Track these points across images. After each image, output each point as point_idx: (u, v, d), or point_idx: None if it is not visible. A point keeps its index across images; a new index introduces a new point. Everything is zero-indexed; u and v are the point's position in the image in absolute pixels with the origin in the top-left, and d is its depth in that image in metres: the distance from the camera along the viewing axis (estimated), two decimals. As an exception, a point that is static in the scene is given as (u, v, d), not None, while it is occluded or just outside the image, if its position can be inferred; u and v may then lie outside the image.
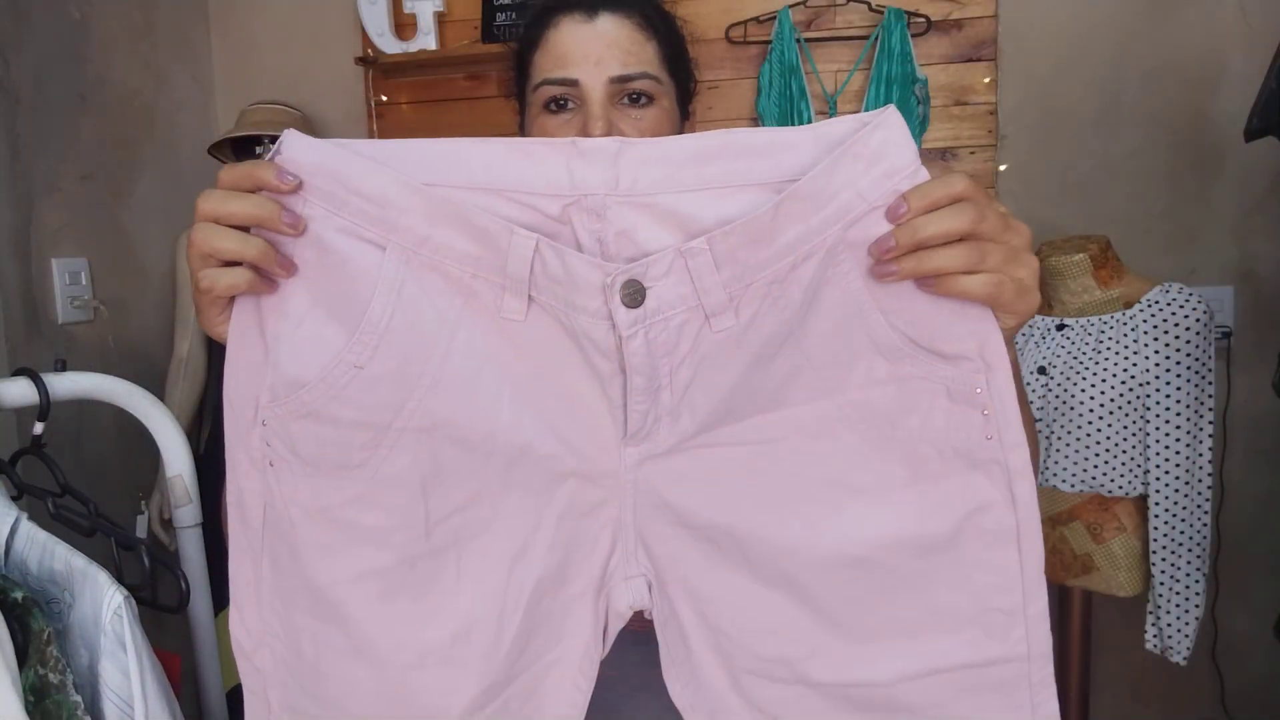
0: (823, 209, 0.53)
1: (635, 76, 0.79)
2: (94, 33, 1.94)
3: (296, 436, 0.59)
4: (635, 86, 0.79)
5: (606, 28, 0.79)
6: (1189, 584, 1.62)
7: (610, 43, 0.79)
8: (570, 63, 0.79)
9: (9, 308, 1.68)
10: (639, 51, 0.80)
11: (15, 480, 0.99)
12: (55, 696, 0.76)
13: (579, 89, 0.79)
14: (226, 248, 0.53)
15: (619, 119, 0.79)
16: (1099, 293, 1.65)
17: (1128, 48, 1.95)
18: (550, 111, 0.81)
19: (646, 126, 0.80)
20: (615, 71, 0.78)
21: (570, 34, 0.80)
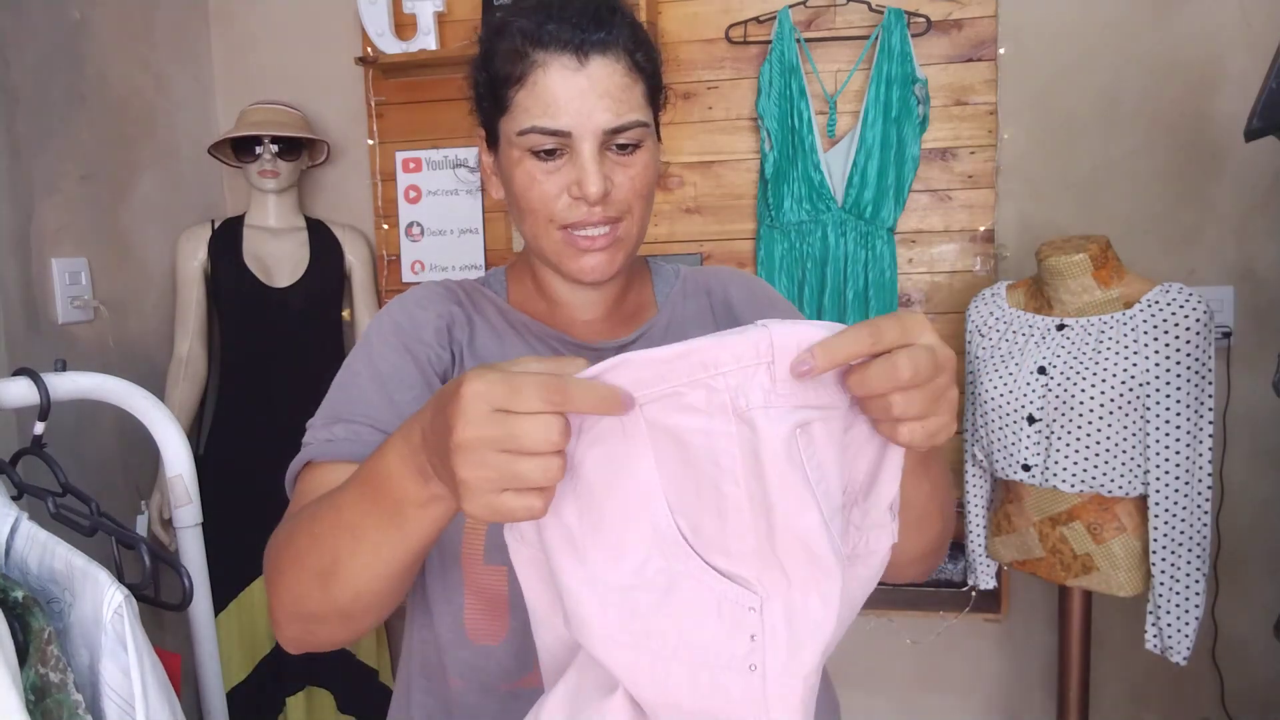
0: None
1: (628, 126, 0.78)
2: (94, 33, 1.94)
3: None
4: (626, 136, 0.78)
5: (598, 75, 0.77)
6: (1189, 584, 1.62)
7: (602, 91, 0.76)
8: (561, 112, 0.76)
9: (9, 308, 1.68)
10: (629, 97, 0.78)
11: (15, 480, 0.99)
12: (56, 695, 0.76)
13: (570, 139, 0.77)
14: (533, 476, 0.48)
15: (610, 168, 0.78)
16: (1099, 293, 1.65)
17: (1128, 48, 1.95)
18: (538, 159, 0.78)
19: (636, 173, 0.80)
20: (608, 124, 0.77)
21: (560, 81, 0.76)
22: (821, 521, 0.51)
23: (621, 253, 0.81)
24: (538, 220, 0.80)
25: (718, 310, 0.91)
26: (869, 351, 0.50)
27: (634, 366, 0.52)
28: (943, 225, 2.07)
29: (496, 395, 0.47)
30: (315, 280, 2.12)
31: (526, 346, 0.85)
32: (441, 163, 2.26)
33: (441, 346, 0.83)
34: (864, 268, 2.01)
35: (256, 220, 2.12)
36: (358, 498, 0.60)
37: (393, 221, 2.30)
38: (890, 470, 0.57)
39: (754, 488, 0.51)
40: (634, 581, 0.54)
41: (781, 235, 2.05)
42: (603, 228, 0.80)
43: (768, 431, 0.50)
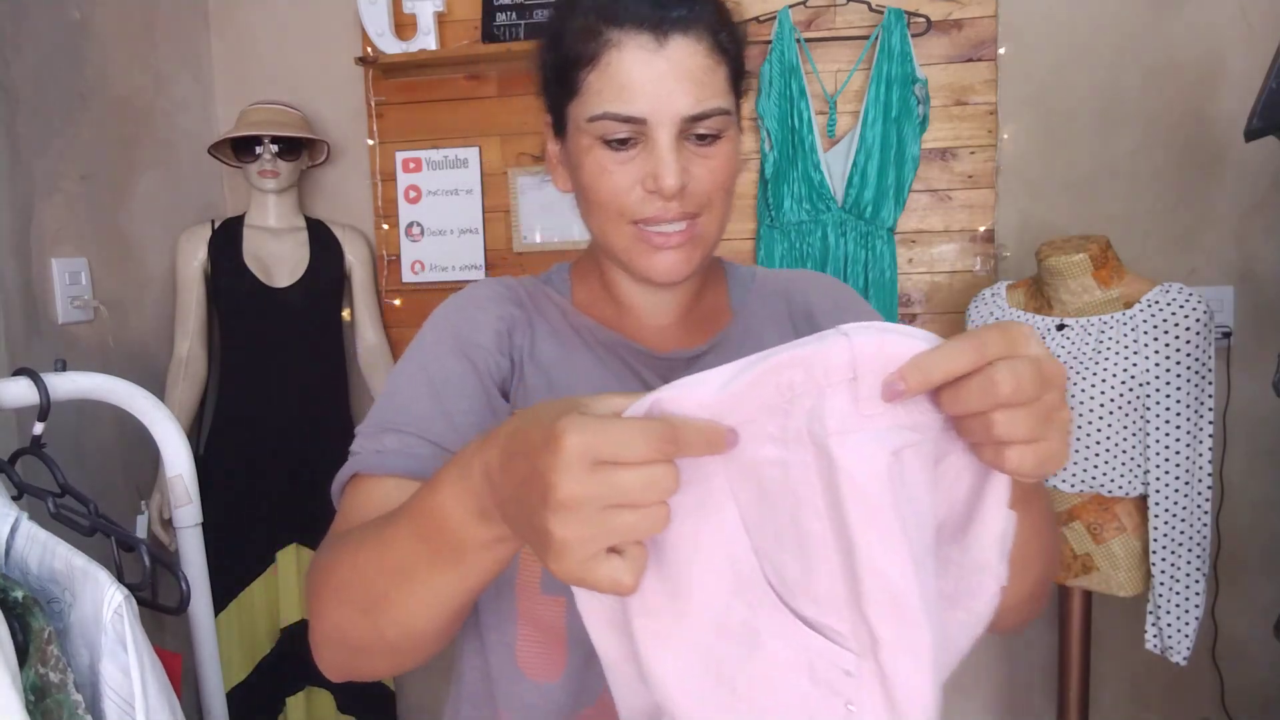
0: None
1: (709, 114, 0.70)
2: (94, 33, 1.94)
3: None
4: (708, 126, 0.71)
5: (678, 56, 0.69)
6: (1189, 584, 1.62)
7: (682, 74, 0.69)
8: (637, 97, 0.69)
9: (9, 308, 1.68)
10: (711, 82, 0.71)
11: (15, 480, 0.99)
12: (56, 696, 0.76)
13: (645, 127, 0.70)
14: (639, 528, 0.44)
15: (688, 160, 0.72)
16: (1099, 293, 1.65)
17: (1128, 47, 1.95)
18: (610, 148, 0.72)
19: (717, 165, 0.73)
20: (688, 110, 0.69)
21: (636, 62, 0.69)
22: (910, 564, 0.45)
23: (698, 252, 0.75)
24: (607, 215, 0.74)
25: (797, 318, 0.84)
26: (971, 368, 0.44)
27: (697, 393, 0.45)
28: (943, 225, 2.07)
29: (602, 448, 0.42)
30: (315, 280, 2.12)
31: (591, 355, 0.79)
32: (441, 163, 2.26)
33: (501, 353, 0.77)
34: (864, 268, 2.01)
35: (256, 220, 2.12)
36: (408, 536, 0.55)
37: (393, 221, 2.30)
38: (994, 502, 0.50)
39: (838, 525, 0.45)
40: (714, 636, 0.48)
41: (781, 235, 2.05)
42: (678, 224, 0.73)
43: (846, 460, 0.44)
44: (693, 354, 0.80)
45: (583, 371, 0.78)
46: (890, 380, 0.44)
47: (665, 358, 0.79)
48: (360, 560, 0.59)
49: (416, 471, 0.68)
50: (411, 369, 0.76)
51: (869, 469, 0.44)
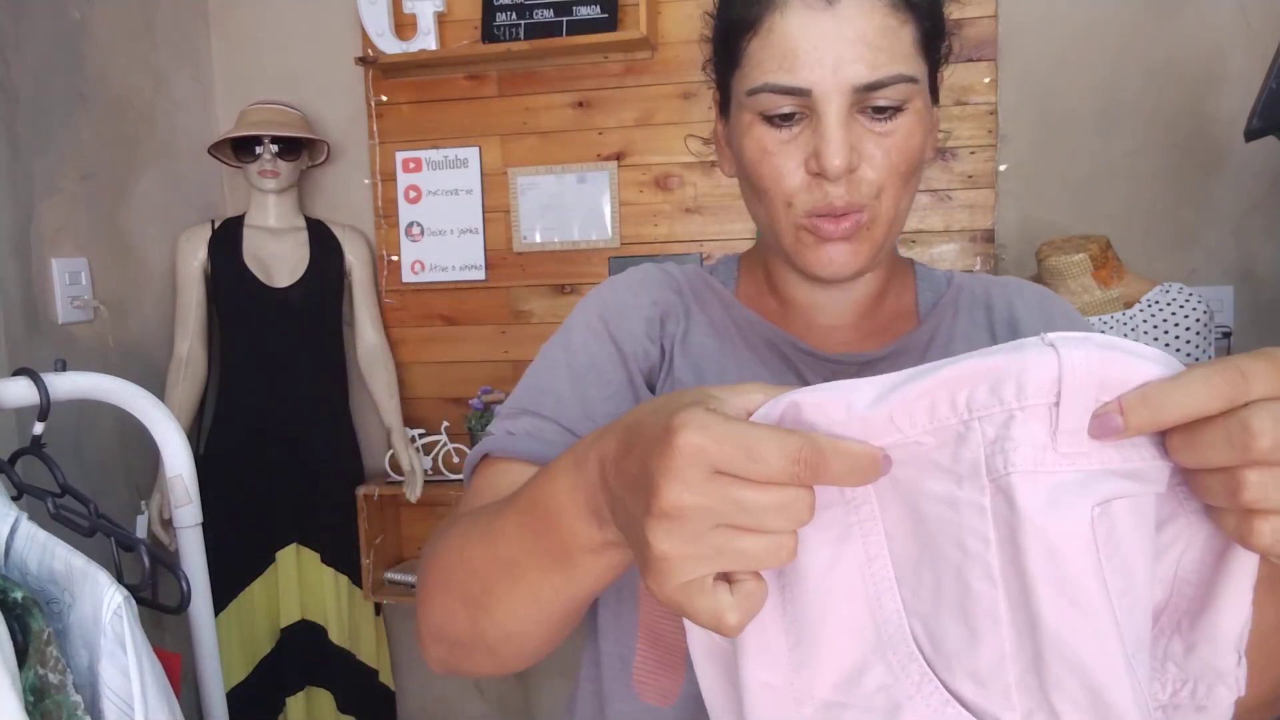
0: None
1: (887, 82, 0.60)
2: (94, 33, 1.94)
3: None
4: (885, 95, 0.60)
5: (850, 13, 0.59)
6: (1189, 584, 1.62)
7: (855, 37, 0.59)
8: (800, 65, 0.60)
9: (9, 308, 1.68)
10: (891, 45, 0.60)
11: (15, 480, 0.99)
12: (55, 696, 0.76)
13: (810, 99, 0.60)
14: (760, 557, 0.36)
15: (860, 137, 0.61)
16: (1099, 293, 1.65)
17: (1128, 48, 1.95)
18: (771, 125, 0.63)
19: (894, 144, 0.62)
20: (861, 79, 0.59)
21: (801, 23, 0.59)
22: (1119, 654, 0.35)
23: (869, 245, 0.64)
24: (771, 203, 0.65)
25: (999, 329, 0.72)
26: (1221, 408, 0.33)
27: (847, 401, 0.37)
28: (943, 225, 2.07)
29: (723, 456, 0.35)
30: (315, 280, 2.12)
31: (750, 350, 0.71)
32: (441, 163, 2.26)
33: (651, 340, 0.71)
34: (864, 268, 2.01)
35: (256, 220, 2.12)
36: (517, 529, 0.49)
37: (393, 221, 2.30)
38: (1236, 587, 0.38)
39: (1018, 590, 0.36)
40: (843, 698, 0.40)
41: (781, 235, 2.05)
42: (848, 214, 0.63)
43: (1034, 510, 0.34)
44: (867, 358, 0.70)
45: (736, 367, 0.70)
46: (1105, 412, 0.34)
47: (834, 360, 0.70)
48: (467, 549, 0.54)
49: (546, 457, 0.62)
50: (555, 351, 0.71)
51: (1065, 524, 0.34)
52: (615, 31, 2.04)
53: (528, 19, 2.11)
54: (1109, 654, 0.34)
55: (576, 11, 2.07)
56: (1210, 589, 0.39)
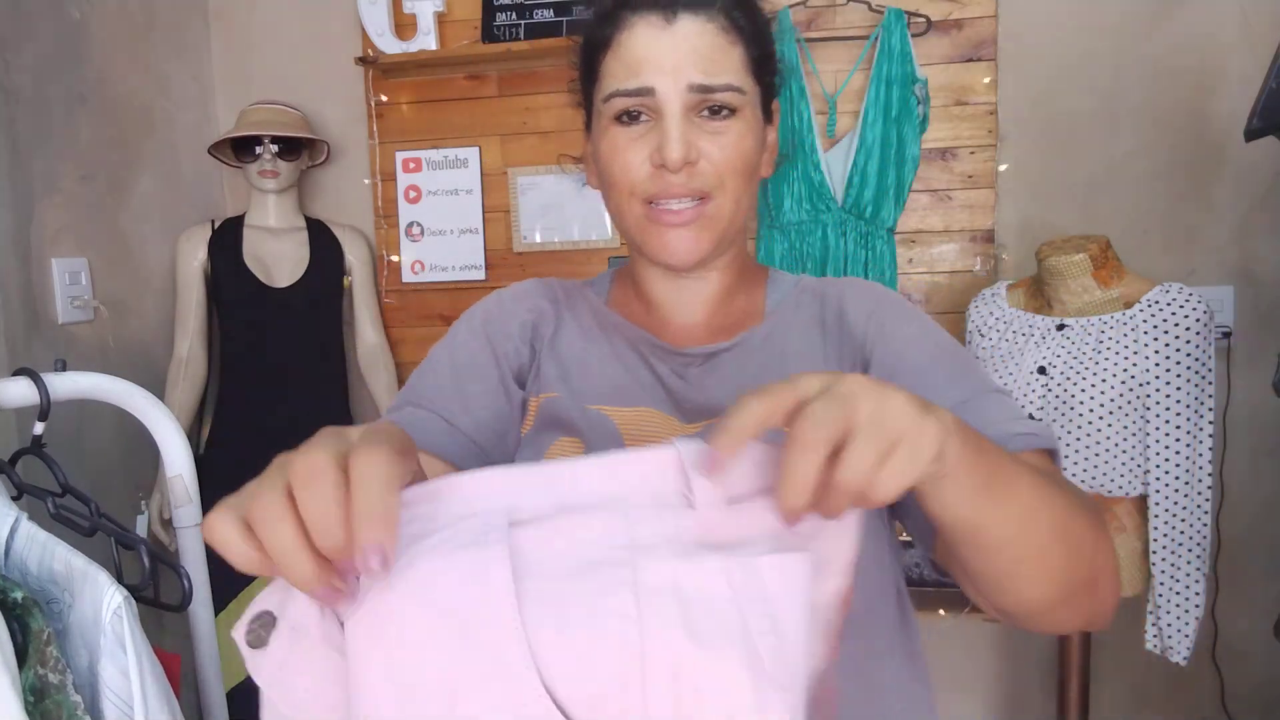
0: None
1: (718, 88, 0.71)
2: (94, 33, 1.94)
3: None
4: (717, 99, 0.71)
5: (686, 31, 0.71)
6: (1189, 584, 1.62)
7: (690, 49, 0.71)
8: (645, 70, 0.71)
9: (9, 308, 1.68)
10: (722, 58, 0.72)
11: (15, 480, 0.99)
12: (55, 696, 0.76)
13: (654, 99, 0.71)
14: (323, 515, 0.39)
15: (697, 134, 0.72)
16: (1099, 293, 1.65)
17: (1128, 47, 1.95)
18: (621, 124, 0.73)
19: (728, 142, 0.72)
20: (695, 79, 0.71)
21: (646, 38, 0.72)
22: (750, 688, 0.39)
23: (709, 233, 0.74)
24: (621, 194, 0.74)
25: (829, 319, 0.80)
26: (786, 409, 0.42)
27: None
28: (943, 225, 2.07)
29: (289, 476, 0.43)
30: (315, 280, 2.12)
31: (610, 347, 0.80)
32: (441, 163, 2.26)
33: (523, 341, 0.80)
34: (864, 268, 2.01)
35: (256, 220, 2.12)
36: None
37: (393, 221, 2.30)
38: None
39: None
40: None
41: (781, 235, 2.05)
42: (687, 201, 0.72)
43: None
44: (711, 349, 0.78)
45: (597, 362, 0.79)
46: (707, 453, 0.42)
47: (682, 352, 0.79)
48: None
49: (425, 444, 0.71)
50: (441, 352, 0.80)
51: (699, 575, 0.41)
52: (615, 31, 2.04)
53: (528, 19, 2.11)
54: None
55: (576, 11, 2.07)
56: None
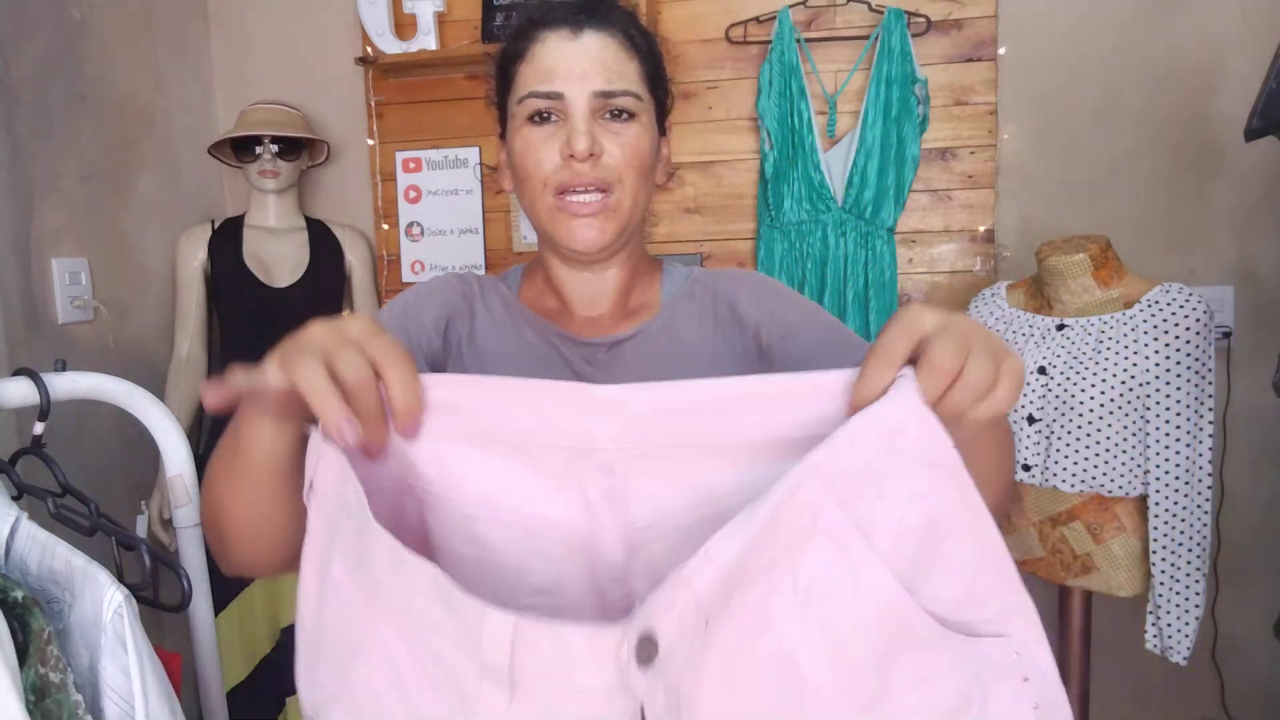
0: (823, 483, 0.46)
1: (618, 93, 0.81)
2: (94, 33, 1.94)
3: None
4: (618, 103, 0.81)
5: (591, 44, 0.81)
6: (1189, 584, 1.62)
7: (594, 58, 0.81)
8: (555, 76, 0.81)
9: (9, 308, 1.68)
10: (622, 69, 0.82)
11: (15, 480, 0.99)
12: (56, 696, 0.76)
13: (563, 102, 0.81)
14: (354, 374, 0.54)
15: (601, 133, 0.81)
16: (1099, 293, 1.65)
17: (1128, 47, 1.95)
18: (534, 124, 0.82)
19: (627, 141, 0.82)
20: (599, 86, 0.80)
21: (556, 49, 0.82)
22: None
23: (612, 224, 0.82)
24: (534, 185, 0.82)
25: (721, 313, 0.88)
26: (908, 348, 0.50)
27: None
28: (943, 225, 2.07)
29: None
30: (315, 280, 2.12)
31: (523, 340, 0.87)
32: (441, 163, 2.26)
33: (436, 333, 0.85)
34: (864, 268, 2.01)
35: (256, 220, 2.12)
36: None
37: (393, 221, 2.30)
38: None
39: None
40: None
41: (781, 235, 2.05)
42: (594, 194, 0.81)
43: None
44: (614, 339, 0.86)
45: (512, 353, 0.86)
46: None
47: (588, 342, 0.87)
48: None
49: None
50: None
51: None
52: (615, 31, 2.04)
53: (528, 19, 2.11)
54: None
55: (576, 11, 2.07)
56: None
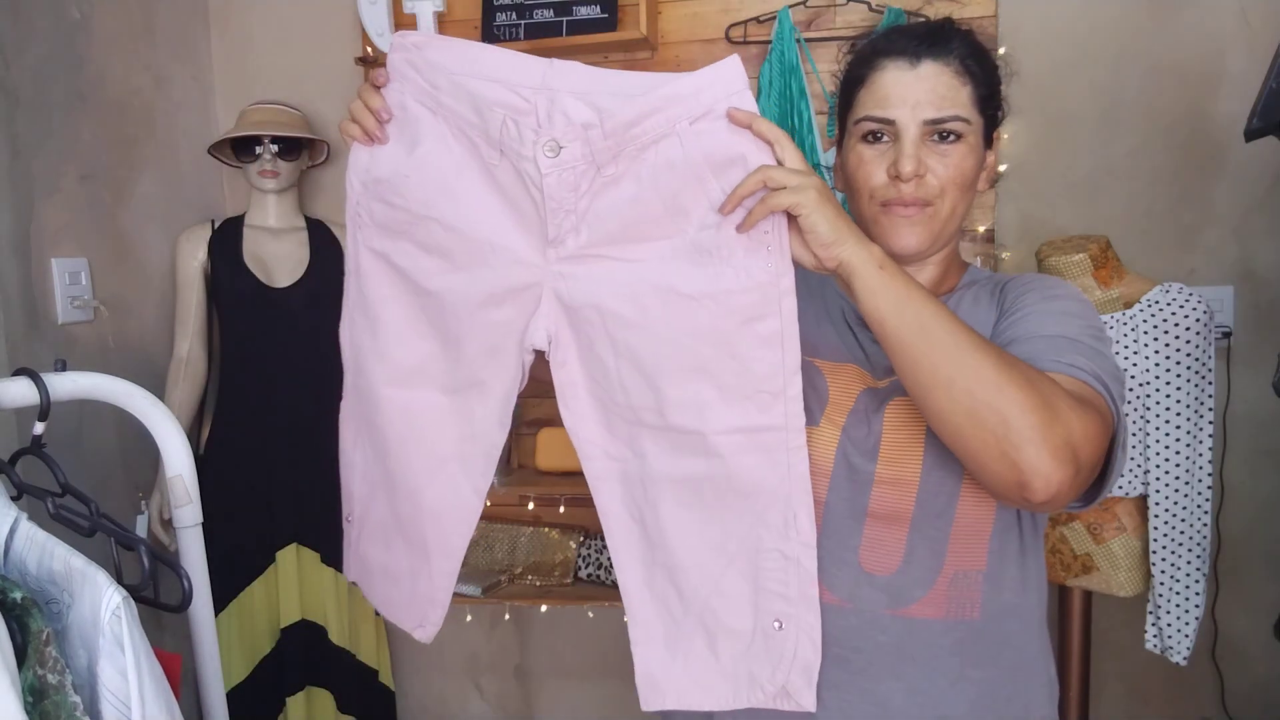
0: (675, 108, 0.83)
1: (946, 119, 0.90)
2: (94, 33, 1.94)
3: (375, 211, 0.99)
4: (945, 127, 0.90)
5: (927, 73, 0.90)
6: (1189, 584, 1.62)
7: (929, 88, 0.90)
8: (890, 104, 0.90)
9: (9, 308, 1.68)
10: (954, 96, 0.90)
11: (15, 480, 0.99)
12: (54, 697, 0.76)
13: (894, 127, 0.90)
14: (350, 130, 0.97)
15: (927, 154, 0.90)
16: (1099, 293, 1.65)
17: (1128, 48, 1.95)
18: (867, 142, 0.93)
19: (952, 161, 0.91)
20: (929, 115, 0.89)
21: (894, 78, 0.91)
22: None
23: (929, 230, 0.92)
24: (862, 196, 0.94)
25: (995, 299, 0.96)
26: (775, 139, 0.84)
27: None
28: (943, 225, 2.07)
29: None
30: (315, 280, 2.12)
31: (826, 311, 1.02)
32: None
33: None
34: (864, 268, 2.01)
35: (256, 220, 2.12)
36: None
37: (393, 221, 2.30)
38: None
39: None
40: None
41: (781, 235, 2.05)
42: (911, 206, 0.91)
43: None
44: None
45: (813, 319, 1.00)
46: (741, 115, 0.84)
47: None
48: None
49: None
50: None
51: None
52: (615, 31, 2.04)
53: (528, 19, 2.11)
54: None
55: (576, 11, 2.07)
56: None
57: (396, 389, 1.08)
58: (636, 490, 0.94)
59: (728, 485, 0.90)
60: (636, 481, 0.94)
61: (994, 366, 0.75)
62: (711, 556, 0.91)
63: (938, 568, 0.89)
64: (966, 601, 0.89)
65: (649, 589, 0.95)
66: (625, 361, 0.90)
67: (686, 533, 0.92)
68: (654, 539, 0.93)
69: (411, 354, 1.04)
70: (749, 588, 0.90)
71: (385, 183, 0.97)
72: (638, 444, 0.93)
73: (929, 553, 0.89)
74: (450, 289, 0.97)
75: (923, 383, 0.78)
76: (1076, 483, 0.75)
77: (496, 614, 2.41)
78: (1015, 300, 0.93)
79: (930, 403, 0.78)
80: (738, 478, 0.89)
